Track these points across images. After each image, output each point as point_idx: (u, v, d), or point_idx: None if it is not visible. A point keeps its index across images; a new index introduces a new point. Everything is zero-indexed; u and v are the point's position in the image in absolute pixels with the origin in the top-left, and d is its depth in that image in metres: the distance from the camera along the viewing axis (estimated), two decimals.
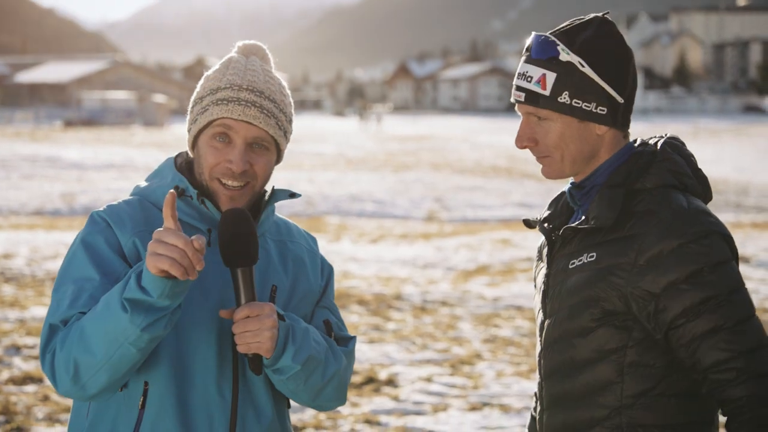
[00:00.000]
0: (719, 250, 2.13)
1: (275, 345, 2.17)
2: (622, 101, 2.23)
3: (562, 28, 2.26)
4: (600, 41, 2.22)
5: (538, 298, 2.38)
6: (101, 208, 2.29)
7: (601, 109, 2.22)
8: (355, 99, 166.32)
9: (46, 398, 6.65)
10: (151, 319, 2.02)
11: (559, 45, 2.21)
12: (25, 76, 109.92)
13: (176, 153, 2.42)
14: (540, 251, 2.49)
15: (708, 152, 40.91)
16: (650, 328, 2.14)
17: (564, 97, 2.21)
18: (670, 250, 2.11)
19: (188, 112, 2.33)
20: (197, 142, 2.29)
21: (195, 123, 2.28)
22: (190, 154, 2.36)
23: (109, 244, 2.22)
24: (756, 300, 10.39)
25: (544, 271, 2.37)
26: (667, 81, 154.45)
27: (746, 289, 2.16)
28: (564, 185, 2.46)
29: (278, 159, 2.39)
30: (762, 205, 23.27)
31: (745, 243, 14.57)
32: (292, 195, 2.43)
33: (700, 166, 2.34)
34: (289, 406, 2.44)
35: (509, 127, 71.23)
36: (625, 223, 2.17)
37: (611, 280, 2.15)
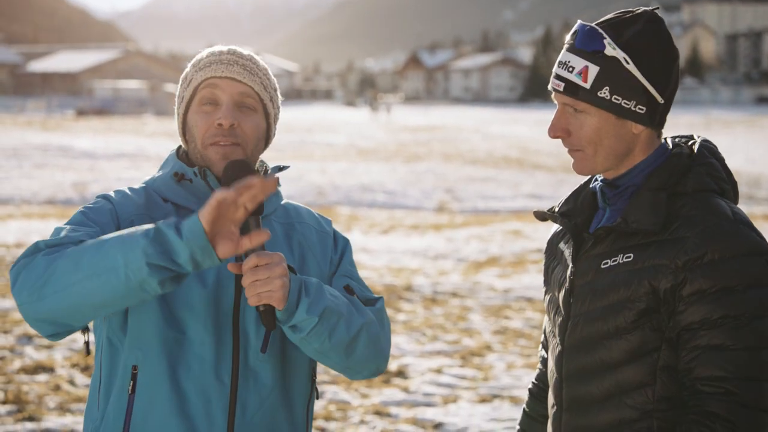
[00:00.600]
0: (758, 272, 2.08)
1: (287, 295, 2.08)
2: (662, 101, 2.18)
3: (610, 20, 2.19)
4: (647, 38, 2.15)
5: (558, 296, 2.32)
6: (108, 191, 2.36)
7: (640, 108, 2.16)
8: (366, 89, 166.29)
9: (57, 388, 6.68)
10: (164, 263, 1.92)
11: (606, 38, 2.15)
12: (37, 66, 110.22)
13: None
14: (553, 246, 2.43)
15: (720, 144, 40.72)
16: (669, 325, 2.12)
17: (604, 92, 2.15)
18: (710, 259, 2.07)
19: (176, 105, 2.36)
20: (187, 120, 2.30)
21: (182, 100, 2.31)
22: (182, 143, 2.37)
23: (110, 212, 2.25)
24: None
25: (568, 269, 2.30)
26: (679, 72, 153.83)
27: None
28: (581, 179, 2.42)
29: (268, 132, 2.36)
30: None
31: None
32: (281, 168, 2.39)
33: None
34: (317, 397, 2.40)
35: (521, 118, 71.07)
36: (668, 227, 2.13)
37: (648, 282, 2.11)
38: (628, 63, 2.14)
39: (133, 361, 2.19)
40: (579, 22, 2.22)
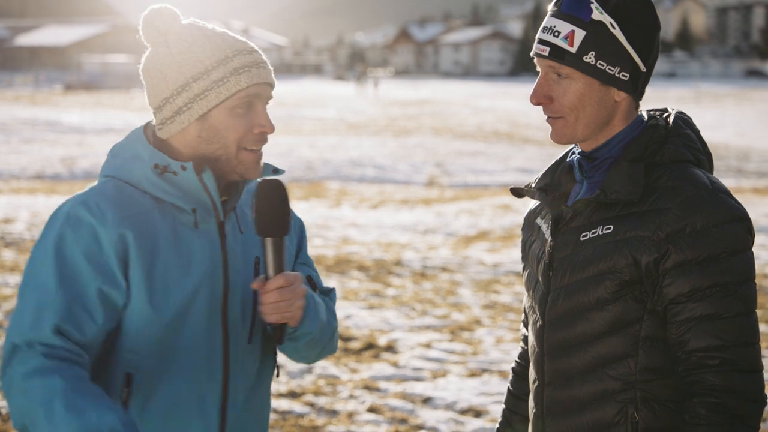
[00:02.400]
0: (740, 238, 2.11)
1: (302, 314, 2.18)
2: (644, 70, 2.19)
3: None
4: (633, 5, 2.17)
5: (538, 269, 2.32)
6: (75, 203, 2.11)
7: (624, 75, 2.17)
8: (356, 63, 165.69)
9: None
10: None
11: (593, 3, 2.15)
12: (25, 40, 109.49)
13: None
14: (530, 221, 2.43)
15: (710, 117, 40.79)
16: (654, 299, 2.13)
17: (590, 57, 2.15)
18: (693, 229, 2.08)
19: (179, 91, 2.16)
20: (208, 116, 2.16)
21: (206, 97, 2.14)
22: (178, 133, 2.19)
23: (87, 254, 2.07)
24: (756, 266, 10.40)
25: (546, 243, 2.29)
26: (669, 45, 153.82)
27: (755, 282, 2.14)
28: (560, 152, 2.42)
29: None
30: (763, 171, 23.24)
31: (746, 208, 14.57)
32: (275, 171, 2.31)
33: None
34: (277, 375, 2.43)
35: (511, 92, 70.97)
36: (647, 198, 2.14)
37: (629, 252, 2.12)
38: (614, 28, 2.14)
39: (127, 369, 2.13)
40: None
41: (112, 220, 2.10)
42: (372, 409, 6.08)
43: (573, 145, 2.35)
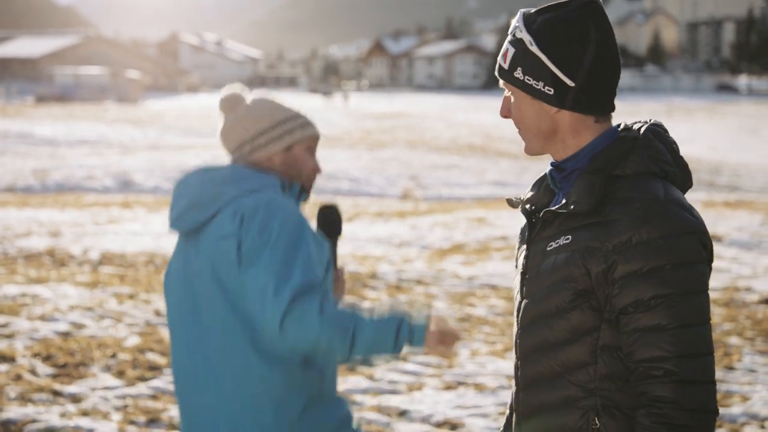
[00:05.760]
0: (688, 251, 2.13)
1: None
2: (574, 84, 2.23)
3: (544, 6, 2.29)
4: (556, 23, 2.22)
5: (518, 279, 2.41)
6: (300, 215, 2.83)
7: (548, 89, 2.24)
8: (330, 76, 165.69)
9: (18, 377, 6.61)
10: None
11: (519, 22, 2.27)
12: None
13: (228, 159, 2.99)
14: (522, 232, 2.52)
15: (682, 131, 41.12)
16: (607, 309, 2.18)
17: (518, 73, 2.27)
18: (638, 240, 2.12)
19: (270, 128, 2.96)
20: (292, 149, 3.00)
21: (292, 135, 2.99)
22: (267, 160, 2.96)
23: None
24: (728, 279, 10.49)
25: (524, 253, 2.39)
26: (641, 59, 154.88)
27: (706, 294, 2.16)
28: (544, 166, 2.47)
29: None
30: (734, 184, 23.47)
31: (717, 222, 14.68)
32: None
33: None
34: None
35: (485, 105, 71.25)
36: (602, 209, 2.19)
37: (581, 263, 2.18)
38: (531, 45, 2.23)
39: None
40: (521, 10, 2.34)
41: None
42: None
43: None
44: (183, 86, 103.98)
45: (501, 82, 2.35)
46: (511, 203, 2.46)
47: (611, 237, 2.14)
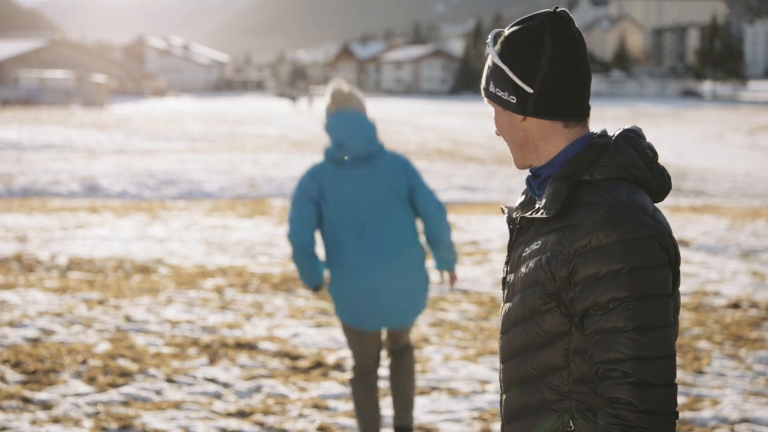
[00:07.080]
0: (646, 254, 2.16)
1: None
2: (532, 91, 2.28)
3: (513, 22, 2.38)
4: (517, 34, 2.30)
5: (502, 285, 2.48)
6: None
7: (511, 98, 2.32)
8: (298, 81, 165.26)
9: None
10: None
11: (488, 39, 2.37)
12: None
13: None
14: (508, 240, 2.60)
15: (648, 136, 41.23)
16: (572, 312, 2.22)
17: (491, 87, 2.36)
18: (597, 244, 2.16)
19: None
20: None
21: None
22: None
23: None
24: (696, 283, 10.57)
25: (506, 259, 2.47)
26: (607, 65, 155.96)
27: (667, 298, 2.19)
28: (512, 171, 2.51)
29: None
30: (700, 189, 23.68)
31: (684, 227, 14.81)
32: None
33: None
34: None
35: (453, 110, 71.42)
36: (567, 214, 2.23)
37: (547, 267, 2.23)
38: (495, 57, 2.33)
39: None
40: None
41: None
42: (322, 428, 6.06)
43: None
44: (149, 90, 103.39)
45: (485, 100, 2.43)
46: (503, 212, 2.52)
47: (573, 241, 2.19)
